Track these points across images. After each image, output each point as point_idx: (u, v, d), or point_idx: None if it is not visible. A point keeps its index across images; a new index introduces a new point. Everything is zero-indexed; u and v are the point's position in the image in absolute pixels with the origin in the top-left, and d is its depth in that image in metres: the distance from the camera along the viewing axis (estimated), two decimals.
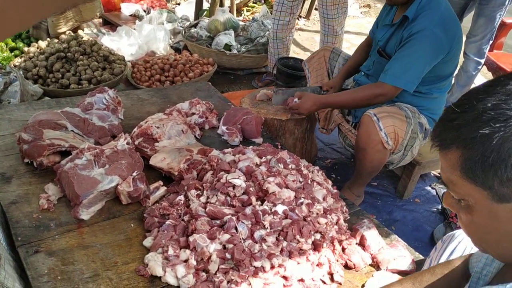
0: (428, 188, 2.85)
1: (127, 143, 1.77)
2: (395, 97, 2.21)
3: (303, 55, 4.66)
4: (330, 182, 1.86)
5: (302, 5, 5.62)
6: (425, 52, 2.07)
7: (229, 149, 1.83)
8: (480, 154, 0.75)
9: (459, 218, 0.89)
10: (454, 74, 3.39)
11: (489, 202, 0.78)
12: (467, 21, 3.45)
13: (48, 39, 3.49)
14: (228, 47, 3.81)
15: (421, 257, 1.64)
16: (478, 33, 3.23)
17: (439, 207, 2.68)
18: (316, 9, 5.34)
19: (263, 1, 5.73)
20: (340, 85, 2.60)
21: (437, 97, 2.33)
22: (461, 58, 3.42)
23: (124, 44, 3.88)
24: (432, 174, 2.98)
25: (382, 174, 2.87)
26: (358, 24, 5.98)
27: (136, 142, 1.87)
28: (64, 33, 3.72)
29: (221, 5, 4.50)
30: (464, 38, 3.36)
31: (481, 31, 3.21)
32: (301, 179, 1.70)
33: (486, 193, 0.77)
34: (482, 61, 3.37)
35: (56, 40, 3.36)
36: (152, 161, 1.78)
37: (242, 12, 5.43)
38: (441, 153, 0.83)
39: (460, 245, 1.39)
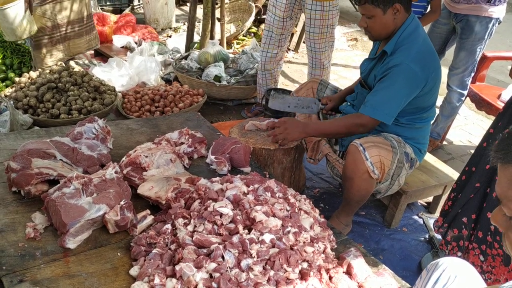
0: (415, 217, 2.87)
1: (116, 172, 1.78)
2: (374, 128, 2.28)
3: (292, 87, 4.74)
4: (317, 210, 1.88)
5: (291, 39, 5.76)
6: (402, 86, 2.15)
7: (217, 178, 1.85)
8: None
9: (506, 236, 0.89)
10: (439, 105, 3.48)
11: None
12: (449, 54, 3.57)
13: (40, 69, 3.53)
14: (218, 78, 3.87)
15: (408, 285, 1.64)
16: (460, 66, 3.33)
17: (427, 236, 2.69)
18: (304, 42, 5.47)
19: (252, 34, 5.85)
20: (338, 102, 2.69)
21: (421, 127, 2.39)
22: (445, 90, 3.54)
23: (115, 75, 3.93)
24: (419, 203, 3.01)
25: (370, 203, 2.89)
26: (345, 57, 6.12)
27: (125, 171, 1.88)
28: (50, 66, 3.77)
29: (212, 38, 4.60)
30: (446, 71, 3.48)
31: (462, 64, 3.32)
32: (288, 208, 1.72)
33: None
34: (465, 92, 3.46)
35: (47, 71, 3.40)
36: (140, 190, 1.79)
37: (232, 44, 5.54)
38: (502, 166, 0.84)
39: (444, 273, 1.40)
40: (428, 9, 3.21)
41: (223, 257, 1.42)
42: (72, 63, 3.62)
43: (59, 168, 1.81)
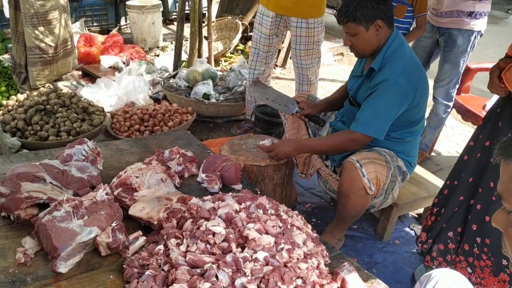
0: (407, 229, 2.89)
1: (106, 194, 1.77)
2: (367, 144, 2.29)
3: None
4: (309, 226, 1.88)
5: (278, 55, 5.82)
6: (391, 101, 2.18)
7: (209, 197, 1.85)
8: None
9: (505, 234, 0.92)
10: (425, 118, 3.53)
11: None
12: (434, 66, 3.63)
13: (28, 92, 3.52)
14: (206, 96, 3.89)
15: None
16: (445, 78, 3.39)
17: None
18: (291, 58, 5.53)
19: (240, 52, 5.90)
20: (315, 110, 2.71)
21: (411, 140, 2.42)
22: (432, 102, 3.59)
23: (104, 96, 3.93)
24: (410, 215, 3.03)
25: (362, 216, 2.88)
26: (332, 72, 6.19)
27: (115, 193, 1.87)
28: (43, 85, 3.77)
29: (199, 56, 4.63)
30: (432, 83, 3.54)
31: (447, 76, 3.38)
32: (280, 224, 1.72)
33: None
34: (451, 104, 3.52)
35: (35, 93, 3.39)
36: (131, 211, 1.78)
37: (220, 62, 5.58)
38: (504, 162, 0.90)
39: (437, 285, 1.41)
40: (414, 25, 3.28)
41: (217, 277, 1.42)
42: (60, 84, 3.61)
43: (49, 191, 1.80)
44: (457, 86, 3.47)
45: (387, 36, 2.28)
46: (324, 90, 5.41)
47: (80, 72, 4.76)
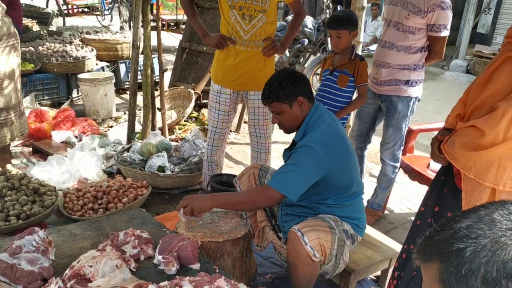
0: None
1: None
2: (279, 202, 2.40)
3: (236, 168, 4.84)
4: None
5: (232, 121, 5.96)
6: (305, 166, 2.29)
7: (166, 282, 1.83)
8: (455, 266, 0.84)
9: None
10: (370, 179, 3.65)
11: None
12: (380, 129, 3.83)
13: None
14: (161, 168, 3.90)
15: None
16: (390, 141, 3.59)
17: None
18: (245, 122, 5.66)
19: (194, 119, 6.00)
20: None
21: (350, 204, 2.51)
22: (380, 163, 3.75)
23: (56, 173, 3.85)
24: (368, 278, 3.07)
25: (322, 283, 2.91)
26: (285, 135, 6.36)
27: (68, 285, 1.82)
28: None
29: (153, 128, 4.67)
30: (379, 146, 3.73)
31: (392, 139, 3.57)
32: None
33: None
34: (398, 165, 3.70)
35: None
36: None
37: (174, 130, 5.63)
38: (423, 266, 0.92)
39: None
40: (355, 95, 3.48)
41: None
42: (9, 166, 3.52)
43: None
44: (402, 147, 3.67)
45: (309, 110, 2.45)
46: (278, 153, 5.52)
47: (30, 149, 4.67)
